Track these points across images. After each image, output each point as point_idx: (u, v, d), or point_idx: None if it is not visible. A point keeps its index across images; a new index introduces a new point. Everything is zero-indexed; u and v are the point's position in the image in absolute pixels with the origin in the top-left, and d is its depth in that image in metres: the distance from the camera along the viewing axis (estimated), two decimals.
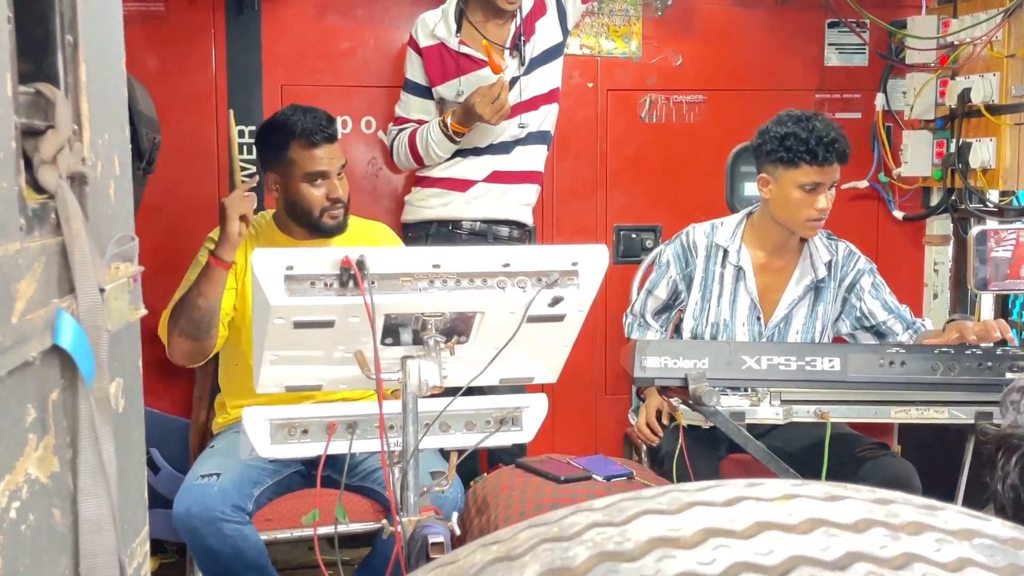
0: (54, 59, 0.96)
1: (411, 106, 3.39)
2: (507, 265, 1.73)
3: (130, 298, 1.07)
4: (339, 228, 2.90)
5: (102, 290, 0.95)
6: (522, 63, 3.30)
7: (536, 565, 0.65)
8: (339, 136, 2.95)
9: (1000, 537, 0.66)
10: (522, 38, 3.30)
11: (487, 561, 0.69)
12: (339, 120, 3.62)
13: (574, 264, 1.76)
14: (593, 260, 1.76)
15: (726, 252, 3.04)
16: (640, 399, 3.20)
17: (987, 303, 3.96)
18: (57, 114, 0.92)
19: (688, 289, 3.08)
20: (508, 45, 3.31)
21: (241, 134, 3.58)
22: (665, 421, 2.97)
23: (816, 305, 3.05)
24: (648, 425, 3.00)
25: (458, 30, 3.31)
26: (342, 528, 2.49)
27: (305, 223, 2.90)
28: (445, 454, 3.03)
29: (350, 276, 1.63)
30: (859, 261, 3.08)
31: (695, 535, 0.65)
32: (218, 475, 2.56)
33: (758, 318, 3.03)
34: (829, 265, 3.04)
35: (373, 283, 1.65)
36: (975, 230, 2.59)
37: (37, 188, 0.91)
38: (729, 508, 0.69)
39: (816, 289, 3.04)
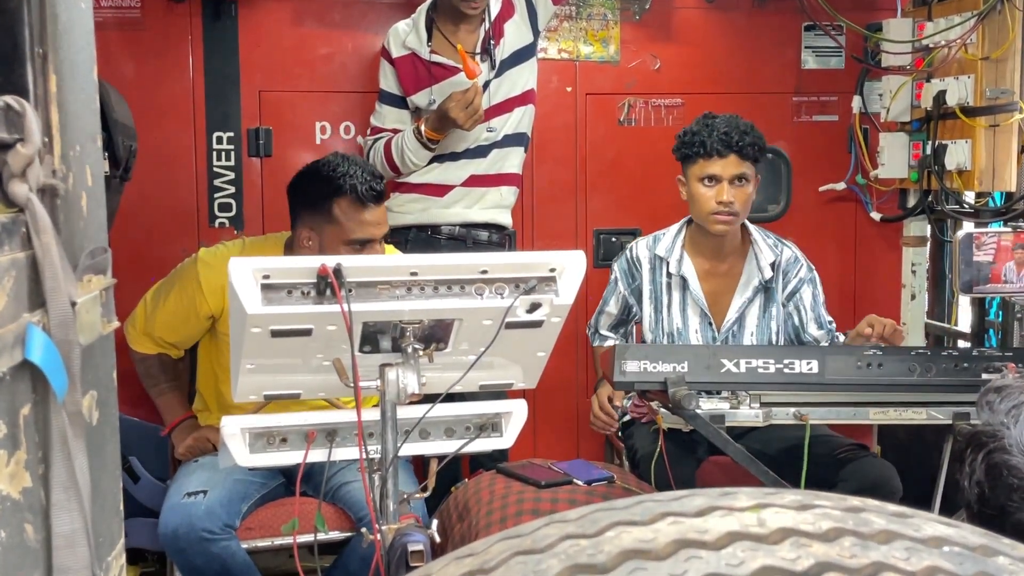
0: (23, 71, 0.96)
1: (386, 116, 3.38)
2: (485, 272, 1.73)
3: (103, 310, 1.06)
4: None
5: (74, 303, 0.94)
6: (492, 66, 3.30)
7: None
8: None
9: (970, 544, 0.67)
10: (491, 41, 3.31)
11: (461, 574, 0.69)
12: (318, 126, 3.63)
13: (552, 270, 1.76)
14: (571, 266, 1.76)
15: (669, 263, 3.08)
16: (623, 403, 3.21)
17: (964, 304, 3.99)
18: (27, 127, 0.92)
19: (639, 303, 3.12)
20: (478, 50, 3.31)
21: (219, 140, 3.57)
22: (618, 403, 3.00)
23: (768, 306, 3.08)
24: (602, 409, 3.02)
25: (428, 39, 3.30)
26: (320, 537, 2.48)
27: None
28: (419, 467, 3.03)
29: (327, 284, 1.62)
30: (801, 269, 3.11)
31: (667, 546, 0.65)
32: (204, 492, 2.53)
33: (710, 324, 3.06)
34: (774, 266, 3.07)
35: (351, 291, 1.65)
36: (961, 234, 2.61)
37: (7, 202, 0.91)
38: (701, 518, 0.69)
39: (766, 290, 3.08)
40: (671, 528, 0.67)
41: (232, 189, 3.57)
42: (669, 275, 3.08)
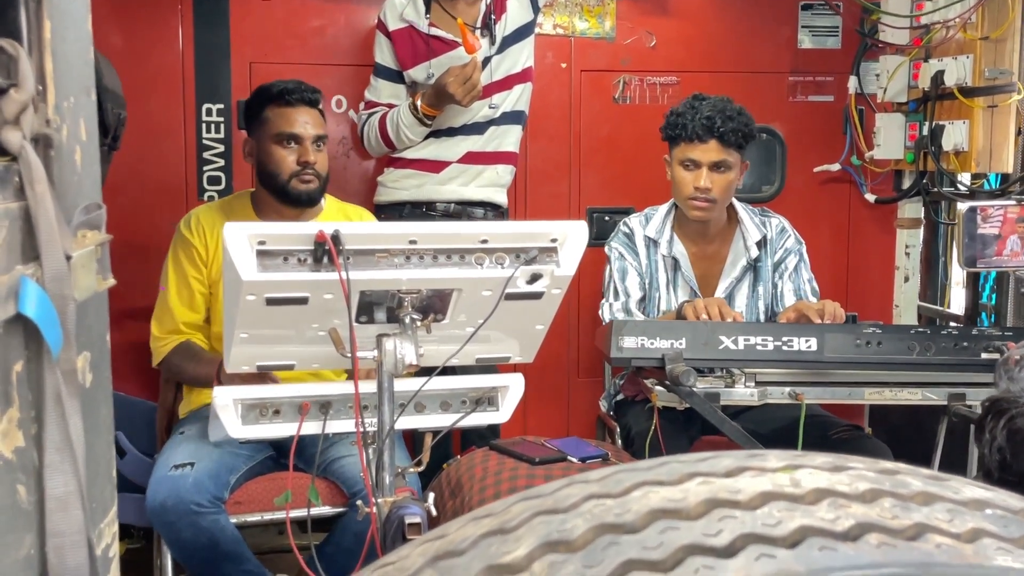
0: (16, 14, 0.92)
1: (381, 90, 3.33)
2: (485, 241, 1.70)
3: (98, 267, 1.02)
4: (310, 197, 2.80)
5: (68, 257, 0.91)
6: (493, 42, 3.26)
7: (532, 538, 0.62)
8: (320, 107, 2.86)
9: (1012, 508, 0.64)
10: (492, 17, 3.26)
11: (479, 535, 0.66)
12: None
13: (553, 241, 1.73)
14: (572, 236, 1.73)
15: (660, 244, 3.05)
16: (616, 381, 3.19)
17: (957, 287, 3.98)
18: (20, 71, 0.88)
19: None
20: (479, 24, 3.26)
21: (208, 112, 3.52)
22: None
23: (757, 284, 3.07)
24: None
25: (427, 12, 3.25)
26: (312, 511, 2.45)
27: (274, 190, 2.81)
28: (410, 442, 3.01)
29: (325, 251, 1.58)
30: (788, 240, 3.10)
31: (699, 506, 0.62)
32: (191, 465, 2.49)
33: None
34: (761, 244, 3.05)
35: (348, 259, 1.61)
36: (965, 207, 2.56)
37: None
38: (732, 479, 0.66)
39: (754, 269, 3.06)
40: (701, 488, 0.64)
41: (221, 162, 3.52)
42: (662, 256, 3.06)
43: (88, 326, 1.04)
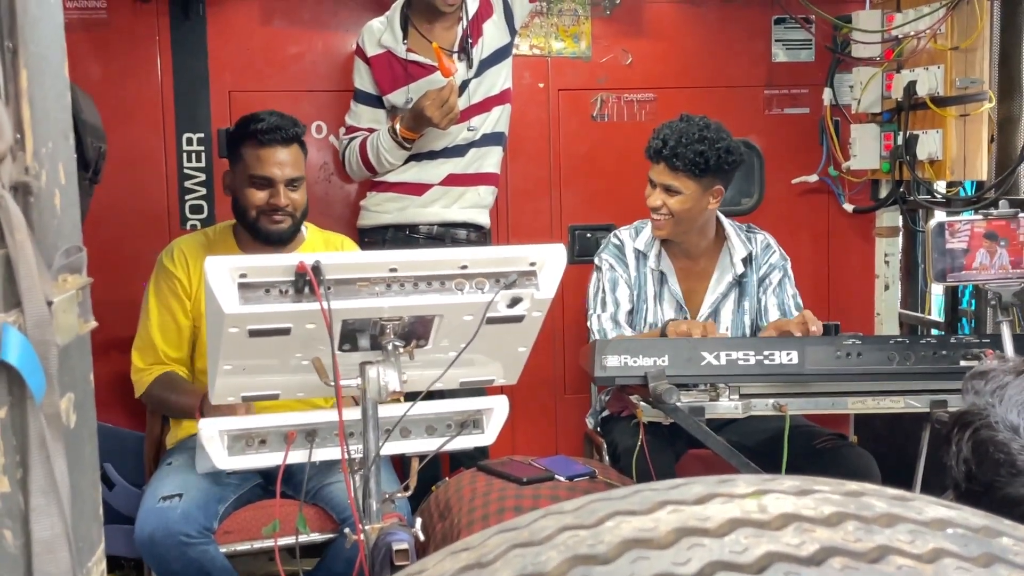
0: None
1: (361, 115, 3.35)
2: (465, 267, 1.71)
3: (79, 310, 1.04)
4: (280, 236, 2.83)
5: (50, 303, 0.92)
6: (470, 65, 3.29)
7: (508, 571, 0.64)
8: (299, 143, 2.85)
9: (972, 526, 0.66)
10: (469, 40, 3.29)
11: (457, 569, 0.67)
12: None
13: (532, 264, 1.75)
14: (551, 260, 1.75)
15: (648, 257, 3.08)
16: (601, 397, 3.20)
17: (937, 293, 4.01)
18: None
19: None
20: (455, 48, 3.29)
21: (189, 141, 3.53)
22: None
23: (742, 300, 3.10)
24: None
25: (404, 37, 3.28)
26: (301, 539, 2.45)
27: (247, 227, 2.85)
28: (399, 466, 3.01)
29: (306, 282, 1.60)
30: (773, 256, 3.13)
31: (668, 535, 0.64)
32: (180, 496, 2.49)
33: (685, 318, 3.05)
34: (747, 260, 3.08)
35: (329, 288, 1.63)
36: (933, 223, 2.60)
37: None
38: (701, 506, 0.68)
39: (739, 285, 3.09)
40: (671, 516, 0.66)
41: (203, 191, 3.53)
42: (650, 269, 3.08)
43: (71, 368, 1.05)
